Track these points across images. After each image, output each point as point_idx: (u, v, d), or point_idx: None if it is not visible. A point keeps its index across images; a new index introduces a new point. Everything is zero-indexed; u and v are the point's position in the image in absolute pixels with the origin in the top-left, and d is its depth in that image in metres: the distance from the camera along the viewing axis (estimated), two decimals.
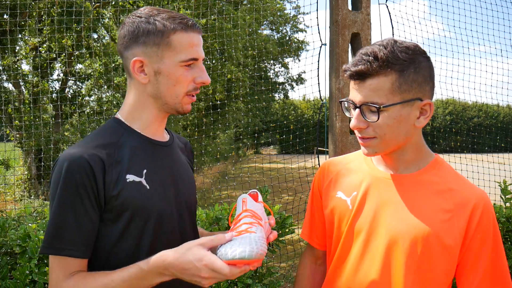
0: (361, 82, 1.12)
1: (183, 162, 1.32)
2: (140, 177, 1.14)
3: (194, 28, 1.15)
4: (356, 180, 1.28)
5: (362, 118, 1.14)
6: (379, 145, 1.16)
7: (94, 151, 1.10)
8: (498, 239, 1.16)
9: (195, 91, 1.18)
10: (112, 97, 9.75)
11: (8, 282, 2.12)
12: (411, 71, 1.10)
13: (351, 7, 3.11)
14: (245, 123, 14.90)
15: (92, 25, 8.10)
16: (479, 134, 5.33)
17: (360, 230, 1.22)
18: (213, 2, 7.29)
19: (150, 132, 1.22)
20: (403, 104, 1.11)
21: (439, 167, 1.22)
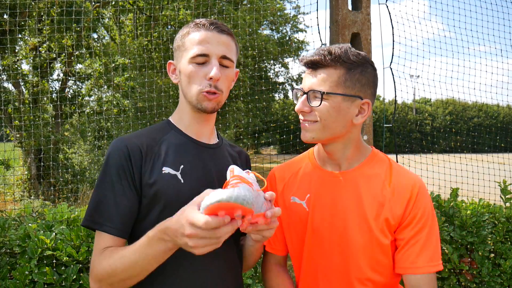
0: (313, 71, 1.26)
1: (224, 166, 1.31)
2: (176, 171, 1.21)
3: (210, 27, 1.22)
4: (307, 183, 1.37)
5: (307, 103, 1.26)
6: (319, 130, 1.26)
7: (136, 140, 1.21)
8: (433, 218, 1.29)
9: (209, 88, 1.21)
10: (112, 97, 9.75)
11: (8, 282, 2.12)
12: (357, 71, 1.25)
13: (351, 7, 3.11)
14: (245, 123, 14.90)
15: (92, 25, 8.10)
16: (479, 134, 5.33)
17: (321, 229, 1.32)
18: (213, 2, 7.28)
19: (193, 132, 1.30)
20: (344, 97, 1.24)
21: (376, 160, 1.36)
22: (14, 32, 6.30)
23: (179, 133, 1.29)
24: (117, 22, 10.45)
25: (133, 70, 8.38)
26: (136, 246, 1.07)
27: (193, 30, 1.23)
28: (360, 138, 1.36)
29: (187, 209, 0.99)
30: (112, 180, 1.17)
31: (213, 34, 1.22)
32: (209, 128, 1.34)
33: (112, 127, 8.36)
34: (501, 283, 2.88)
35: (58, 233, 2.28)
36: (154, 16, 8.77)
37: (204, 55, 1.20)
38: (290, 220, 1.38)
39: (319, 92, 1.23)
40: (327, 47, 1.26)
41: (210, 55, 1.21)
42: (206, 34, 1.22)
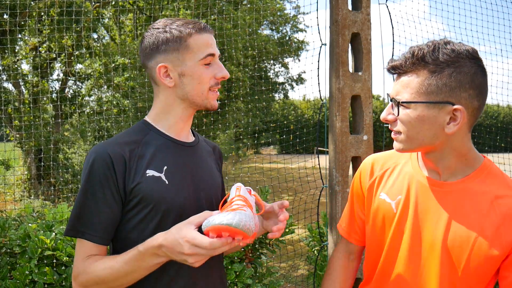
0: (397, 77, 1.15)
1: (207, 163, 1.39)
2: (160, 173, 1.23)
3: (206, 29, 1.26)
4: (401, 183, 1.26)
5: (391, 110, 1.16)
6: (405, 142, 1.15)
7: (118, 147, 1.21)
8: None
9: (216, 86, 1.28)
10: (112, 97, 9.74)
11: (8, 282, 2.12)
12: (445, 73, 1.07)
13: (351, 7, 3.11)
14: (245, 123, 14.90)
15: (92, 25, 8.10)
16: (479, 134, 5.33)
17: (405, 235, 1.22)
18: (213, 2, 7.28)
19: (174, 132, 1.31)
20: (428, 104, 1.09)
21: (486, 174, 1.17)
22: (14, 32, 6.30)
23: (158, 133, 1.29)
24: (117, 22, 10.45)
25: (133, 70, 8.38)
26: (126, 258, 1.12)
27: (195, 32, 1.24)
28: (467, 148, 1.16)
29: (183, 228, 1.05)
30: (94, 189, 1.17)
31: (210, 35, 1.27)
32: (189, 127, 1.36)
33: (112, 127, 8.36)
34: None
35: (58, 233, 2.28)
36: (154, 16, 8.77)
37: (212, 55, 1.25)
38: (375, 216, 1.31)
39: (396, 101, 1.13)
40: (414, 47, 1.12)
41: (215, 54, 1.26)
42: (207, 36, 1.26)
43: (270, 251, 2.59)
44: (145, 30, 10.93)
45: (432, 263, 1.16)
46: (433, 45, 1.09)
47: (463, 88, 1.07)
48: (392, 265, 1.25)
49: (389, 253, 1.26)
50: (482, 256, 1.09)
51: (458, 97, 1.08)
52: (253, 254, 2.61)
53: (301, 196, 4.45)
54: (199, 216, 1.08)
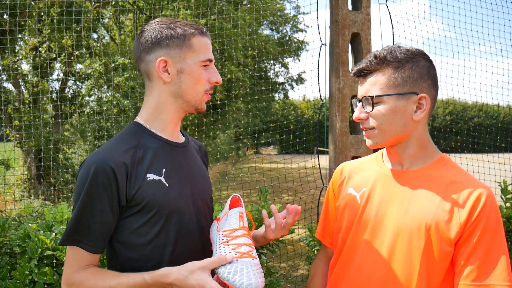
0: (363, 79, 1.27)
1: (198, 162, 1.41)
2: (160, 176, 1.23)
3: (207, 34, 1.30)
4: (366, 177, 1.37)
5: (362, 110, 1.27)
6: (378, 136, 1.26)
7: (119, 156, 1.19)
8: (499, 233, 1.18)
9: (210, 90, 1.30)
10: (112, 97, 9.74)
11: (8, 282, 2.12)
12: (406, 68, 1.22)
13: (351, 7, 3.10)
14: (245, 123, 14.90)
15: (92, 25, 8.09)
16: (479, 134, 5.33)
17: (368, 224, 1.29)
18: (213, 2, 7.29)
19: (167, 133, 1.31)
20: (397, 96, 1.22)
21: (443, 164, 1.29)
22: (14, 32, 6.30)
23: (153, 136, 1.28)
24: (117, 22, 10.45)
25: (133, 70, 8.38)
26: (130, 283, 1.13)
27: (198, 33, 1.26)
28: (427, 138, 1.30)
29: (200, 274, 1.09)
30: (93, 200, 1.17)
31: (209, 40, 1.30)
32: (179, 128, 1.37)
33: (112, 127, 8.36)
34: None
35: (58, 233, 2.28)
36: (154, 16, 8.76)
37: (210, 60, 1.28)
38: (342, 211, 1.38)
39: (370, 97, 1.24)
40: (374, 52, 1.27)
41: (213, 60, 1.30)
42: (207, 40, 1.29)
43: (270, 251, 2.59)
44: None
45: (396, 248, 1.23)
46: (389, 48, 1.25)
47: (423, 79, 1.23)
48: (354, 254, 1.31)
49: (351, 242, 1.32)
50: (440, 237, 1.18)
51: (421, 86, 1.23)
52: None
53: (301, 196, 4.45)
54: (214, 262, 1.11)
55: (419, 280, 1.19)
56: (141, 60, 1.28)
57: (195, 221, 1.29)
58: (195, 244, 1.27)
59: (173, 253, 1.22)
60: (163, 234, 1.22)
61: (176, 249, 1.21)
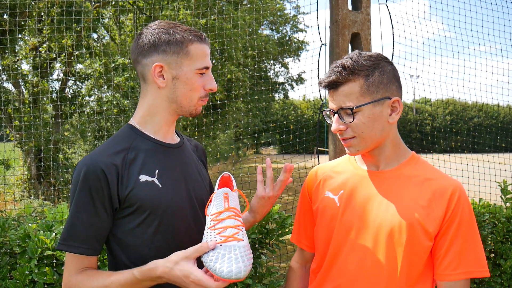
0: (335, 91, 1.27)
1: (194, 162, 1.41)
2: (152, 177, 1.24)
3: (205, 40, 1.29)
4: (342, 180, 1.39)
5: (341, 121, 1.28)
6: (359, 144, 1.28)
7: (109, 158, 1.20)
8: (473, 223, 1.27)
9: (206, 97, 1.30)
10: (112, 97, 9.74)
11: (8, 282, 2.12)
12: (376, 74, 1.26)
13: (351, 7, 3.11)
14: (245, 123, 14.91)
15: (92, 25, 8.09)
16: (479, 134, 5.33)
17: (350, 225, 1.31)
18: (213, 2, 7.29)
19: (161, 135, 1.31)
20: (373, 103, 1.25)
21: (416, 162, 1.35)
22: (14, 32, 6.30)
23: (146, 138, 1.29)
24: (117, 22, 10.45)
25: (133, 70, 8.38)
26: (121, 281, 1.15)
27: (196, 40, 1.26)
28: (399, 138, 1.35)
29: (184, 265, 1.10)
30: (85, 203, 1.18)
31: (208, 46, 1.30)
32: (173, 129, 1.37)
33: (112, 127, 8.36)
34: (501, 283, 2.88)
35: (58, 233, 2.28)
36: (154, 16, 8.77)
37: (207, 68, 1.28)
38: (321, 214, 1.40)
39: (348, 109, 1.25)
40: (339, 62, 1.28)
41: (210, 67, 1.30)
42: (205, 47, 1.28)
43: (270, 251, 2.59)
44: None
45: (379, 246, 1.27)
46: (353, 57, 1.27)
47: (391, 82, 1.28)
48: (338, 255, 1.33)
49: (335, 244, 1.34)
50: (420, 232, 1.23)
51: (391, 90, 1.28)
52: (253, 254, 2.61)
53: None
54: (197, 251, 1.11)
55: (401, 275, 1.24)
56: (137, 62, 1.28)
57: (192, 219, 1.30)
58: (193, 242, 1.27)
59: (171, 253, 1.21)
60: (159, 234, 1.23)
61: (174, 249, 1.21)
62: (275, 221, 2.63)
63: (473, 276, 1.26)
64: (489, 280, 2.83)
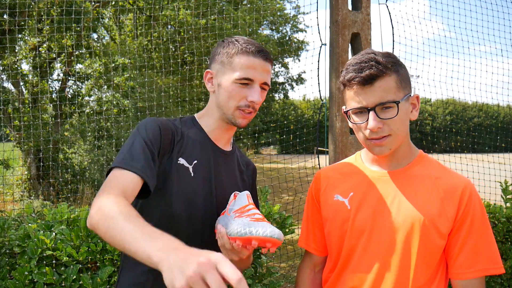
0: (370, 86, 1.21)
1: (234, 175, 1.45)
2: (189, 164, 1.32)
3: (257, 55, 1.33)
4: (351, 182, 1.37)
5: (378, 119, 1.21)
6: (393, 142, 1.24)
7: (169, 123, 1.33)
8: (485, 220, 1.26)
9: (246, 107, 1.34)
10: (112, 97, 9.74)
11: (8, 282, 2.12)
12: (402, 70, 1.25)
13: (351, 7, 3.11)
14: None
15: (92, 25, 8.09)
16: (479, 134, 5.32)
17: (363, 228, 1.29)
18: (213, 2, 7.28)
19: (214, 135, 1.41)
20: (406, 99, 1.24)
21: (425, 160, 1.34)
22: (14, 32, 6.29)
23: (201, 131, 1.39)
24: (117, 22, 10.44)
25: (133, 70, 8.38)
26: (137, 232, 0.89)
27: (242, 53, 1.32)
28: (408, 133, 1.33)
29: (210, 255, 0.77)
30: (142, 138, 1.23)
31: (260, 61, 1.33)
32: (230, 136, 1.45)
33: (112, 127, 8.35)
34: (501, 283, 2.88)
35: (58, 233, 2.28)
36: (154, 16, 8.76)
37: (249, 79, 1.32)
38: (331, 218, 1.38)
39: (393, 103, 1.20)
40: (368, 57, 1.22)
41: (255, 80, 1.33)
42: (254, 60, 1.32)
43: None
44: (145, 30, 10.83)
45: (392, 247, 1.25)
46: (379, 53, 1.25)
47: (409, 79, 1.28)
48: (351, 259, 1.32)
49: (348, 247, 1.32)
50: (433, 232, 1.22)
51: (410, 87, 1.28)
52: (253, 254, 2.61)
53: (301, 196, 4.44)
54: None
55: (415, 276, 1.23)
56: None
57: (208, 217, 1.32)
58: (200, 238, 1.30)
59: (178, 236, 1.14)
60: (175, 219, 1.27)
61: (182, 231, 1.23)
62: (275, 221, 2.63)
63: (489, 274, 1.24)
64: (489, 280, 2.83)
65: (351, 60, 1.28)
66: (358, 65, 1.22)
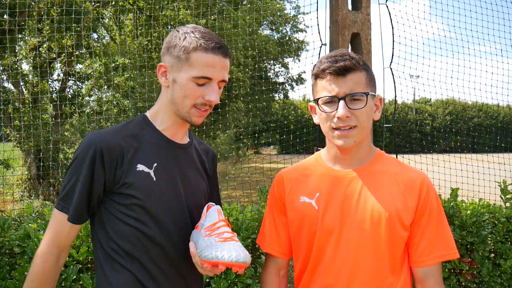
0: (343, 77, 1.28)
1: (196, 166, 1.42)
2: (150, 169, 1.27)
3: (217, 51, 1.25)
4: (316, 183, 1.40)
5: (347, 108, 1.27)
6: (358, 134, 1.30)
7: (114, 138, 1.24)
8: (441, 210, 1.36)
9: (203, 106, 1.28)
10: (112, 97, 9.73)
11: (8, 282, 2.12)
12: (370, 72, 1.33)
13: (351, 7, 3.11)
14: (245, 123, 14.89)
15: (92, 25, 8.09)
16: (479, 134, 5.33)
17: (332, 227, 1.33)
18: (213, 2, 7.28)
19: (169, 132, 1.35)
20: (371, 96, 1.31)
21: (384, 157, 1.41)
22: (14, 32, 6.29)
23: (154, 131, 1.33)
24: (117, 22, 10.44)
25: (133, 70, 8.38)
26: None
27: (201, 49, 1.24)
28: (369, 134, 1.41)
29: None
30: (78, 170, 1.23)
31: (219, 58, 1.26)
32: (185, 130, 1.40)
33: None
34: (501, 283, 2.88)
35: None
36: (154, 16, 8.76)
37: (207, 78, 1.25)
38: (299, 219, 1.39)
39: (362, 94, 1.27)
40: (342, 52, 1.31)
41: (213, 79, 1.27)
42: (213, 58, 1.25)
43: None
44: (145, 30, 10.81)
45: (362, 243, 1.30)
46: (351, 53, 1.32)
47: (375, 82, 1.36)
48: (322, 258, 1.34)
49: (318, 247, 1.34)
50: (398, 225, 1.29)
51: (375, 88, 1.35)
52: (253, 254, 2.61)
53: None
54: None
55: (386, 267, 1.30)
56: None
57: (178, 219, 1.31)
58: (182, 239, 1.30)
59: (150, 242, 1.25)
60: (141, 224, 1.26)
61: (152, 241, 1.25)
62: None
63: (446, 259, 1.33)
64: (489, 280, 2.83)
65: (325, 55, 1.35)
66: (332, 58, 1.29)
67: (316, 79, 1.33)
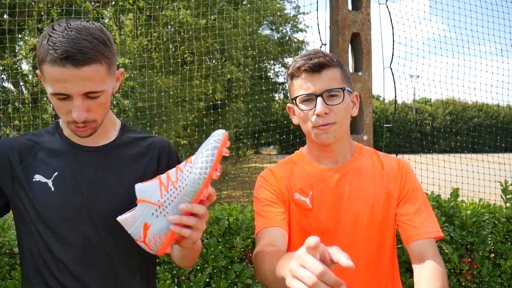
0: (318, 74, 1.29)
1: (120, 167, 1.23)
2: (48, 179, 1.16)
3: (64, 62, 1.00)
4: (307, 181, 1.39)
5: (325, 104, 1.28)
6: (337, 130, 1.31)
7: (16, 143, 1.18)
8: (423, 191, 1.40)
9: (74, 123, 1.09)
10: (112, 97, 9.73)
11: (8, 282, 2.12)
12: (345, 69, 1.35)
13: (351, 7, 3.11)
14: (245, 123, 14.89)
15: None
16: (479, 134, 5.32)
17: (327, 225, 1.34)
18: (213, 2, 7.28)
19: (77, 137, 1.20)
20: (348, 92, 1.33)
21: (364, 150, 1.44)
22: (14, 32, 6.30)
23: (61, 137, 1.21)
24: (117, 22, 10.45)
25: (133, 70, 8.38)
26: None
27: (48, 62, 1.01)
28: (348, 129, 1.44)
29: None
30: None
31: (69, 70, 1.01)
32: (101, 131, 1.22)
33: None
34: (501, 283, 2.88)
35: None
36: (154, 16, 8.76)
37: (63, 94, 1.04)
38: (294, 217, 1.39)
39: (339, 89, 1.29)
40: (316, 50, 1.34)
41: (71, 95, 1.04)
42: (61, 71, 1.00)
43: None
44: (145, 30, 10.80)
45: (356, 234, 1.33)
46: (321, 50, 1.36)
47: (350, 79, 1.38)
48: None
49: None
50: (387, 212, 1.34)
51: (351, 85, 1.38)
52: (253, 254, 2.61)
53: None
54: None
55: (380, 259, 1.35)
56: None
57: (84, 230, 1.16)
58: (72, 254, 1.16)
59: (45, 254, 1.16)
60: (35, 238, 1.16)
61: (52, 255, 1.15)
62: None
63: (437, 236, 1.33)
64: (489, 280, 2.83)
65: (299, 55, 1.36)
66: (306, 56, 1.31)
67: (292, 79, 1.33)
